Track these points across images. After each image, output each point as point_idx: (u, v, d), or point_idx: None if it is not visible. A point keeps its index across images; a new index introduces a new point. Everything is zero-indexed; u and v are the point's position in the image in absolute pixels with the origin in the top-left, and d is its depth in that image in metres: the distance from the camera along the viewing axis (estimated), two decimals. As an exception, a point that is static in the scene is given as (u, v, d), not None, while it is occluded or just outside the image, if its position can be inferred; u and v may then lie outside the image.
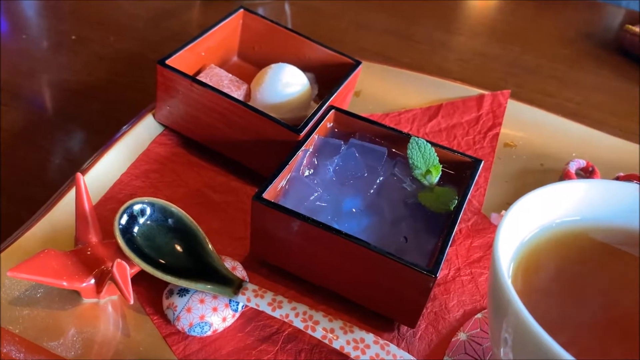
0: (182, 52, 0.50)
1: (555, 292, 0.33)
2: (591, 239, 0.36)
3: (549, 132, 0.58)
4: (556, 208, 0.35)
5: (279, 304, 0.38)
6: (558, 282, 0.34)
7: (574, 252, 0.35)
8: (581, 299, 0.33)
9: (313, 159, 0.47)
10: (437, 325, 0.42)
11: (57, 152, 0.56)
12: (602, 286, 0.34)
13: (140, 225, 0.40)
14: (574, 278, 0.34)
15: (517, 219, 0.33)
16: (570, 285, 0.34)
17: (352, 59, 0.55)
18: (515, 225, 0.33)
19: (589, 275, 0.35)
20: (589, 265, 0.35)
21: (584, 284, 0.34)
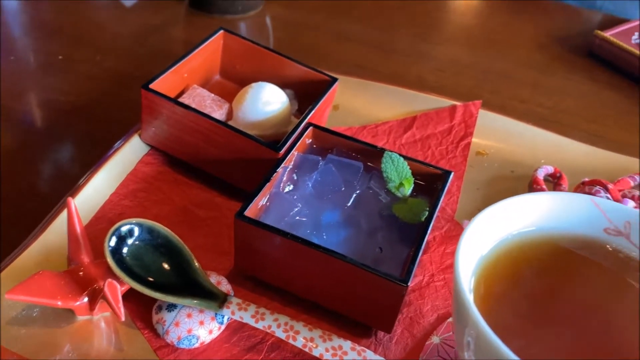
0: (165, 75, 0.53)
1: (515, 298, 0.36)
2: (548, 247, 0.38)
3: (518, 139, 0.61)
4: (514, 220, 0.38)
5: (262, 316, 0.41)
6: (518, 289, 0.36)
7: (532, 260, 0.38)
8: (540, 304, 0.36)
9: (292, 175, 0.49)
10: (412, 330, 0.45)
11: (48, 171, 0.59)
12: (560, 290, 0.37)
13: (129, 246, 0.42)
14: (533, 284, 0.37)
15: (477, 233, 0.35)
16: (530, 291, 0.37)
17: (329, 75, 0.58)
18: (476, 239, 0.35)
19: (547, 280, 0.37)
20: (547, 271, 0.38)
21: (543, 289, 0.37)
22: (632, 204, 0.51)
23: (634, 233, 0.38)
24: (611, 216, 0.38)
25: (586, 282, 0.37)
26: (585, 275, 0.38)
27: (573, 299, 0.37)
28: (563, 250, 0.38)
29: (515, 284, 0.37)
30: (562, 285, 0.37)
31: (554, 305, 0.36)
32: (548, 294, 0.37)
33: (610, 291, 0.37)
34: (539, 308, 0.36)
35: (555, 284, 0.37)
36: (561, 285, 0.37)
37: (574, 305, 0.36)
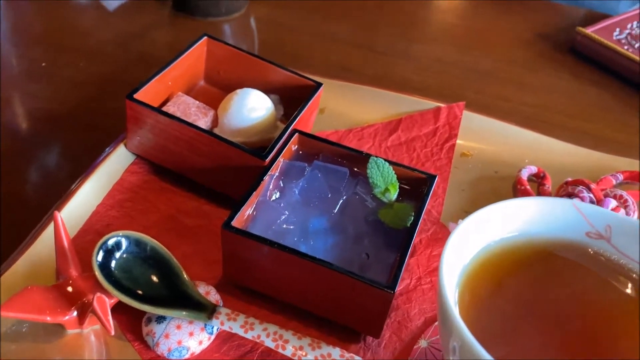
0: (149, 84, 0.53)
1: (500, 305, 0.37)
2: (531, 252, 0.39)
3: (502, 140, 0.61)
4: (496, 227, 0.39)
5: (251, 326, 0.41)
6: (502, 295, 0.37)
7: (515, 266, 0.38)
8: (525, 309, 0.37)
9: (279, 183, 0.50)
10: (400, 334, 0.46)
11: (33, 181, 0.59)
12: (544, 295, 0.38)
13: (117, 259, 0.42)
14: (518, 290, 0.38)
15: (460, 241, 0.36)
16: (514, 297, 0.37)
17: (313, 80, 0.58)
18: (459, 247, 0.36)
19: (531, 285, 0.38)
20: (531, 276, 0.38)
21: (527, 295, 0.38)
22: (614, 203, 0.52)
23: (614, 236, 0.39)
24: (592, 220, 0.39)
25: (569, 286, 0.38)
26: (569, 280, 0.38)
27: (557, 303, 0.37)
28: (546, 255, 0.39)
29: (499, 290, 0.37)
30: (545, 290, 0.38)
31: (539, 311, 0.37)
32: (532, 300, 0.37)
33: (594, 294, 0.38)
34: (524, 314, 0.36)
35: (539, 288, 0.38)
36: (545, 290, 0.38)
37: (558, 309, 0.37)
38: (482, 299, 0.36)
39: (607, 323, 0.36)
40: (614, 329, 0.36)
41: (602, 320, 0.37)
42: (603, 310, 0.37)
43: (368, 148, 0.61)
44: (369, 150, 0.60)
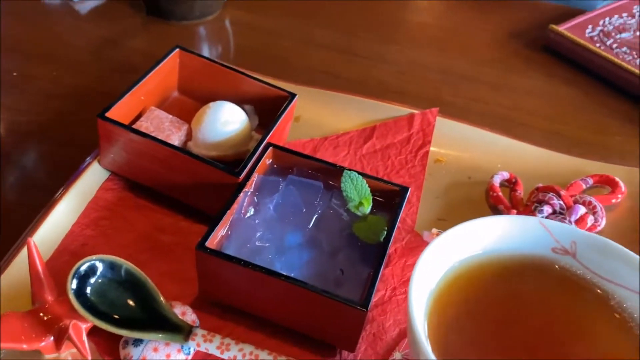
0: (122, 101, 0.53)
1: (467, 325, 0.38)
2: (496, 270, 0.40)
3: (475, 145, 0.62)
4: (463, 247, 0.39)
5: (227, 347, 0.42)
6: (468, 315, 0.38)
7: (480, 285, 0.39)
8: (490, 328, 0.38)
9: (254, 199, 0.50)
10: (375, 347, 0.47)
11: (6, 198, 0.58)
12: (508, 312, 0.39)
13: (92, 283, 0.42)
14: (483, 309, 0.38)
15: (427, 264, 0.37)
16: (480, 316, 0.38)
17: (287, 91, 0.58)
18: (426, 270, 0.37)
19: (496, 304, 0.39)
20: (496, 295, 0.39)
21: (492, 313, 0.39)
22: (583, 209, 0.53)
23: (580, 252, 0.40)
24: (558, 236, 0.40)
25: (536, 303, 0.39)
26: (535, 297, 0.39)
27: (523, 321, 0.38)
28: (512, 272, 0.40)
29: (467, 310, 0.38)
30: (512, 308, 0.39)
31: (506, 329, 0.38)
32: (499, 318, 0.38)
33: (560, 311, 0.39)
34: (491, 333, 0.37)
35: (504, 306, 0.39)
36: (512, 308, 0.39)
37: (524, 326, 0.38)
38: (451, 320, 0.37)
39: (573, 337, 0.38)
40: (581, 344, 0.37)
41: (568, 335, 0.38)
42: (569, 325, 0.38)
43: (344, 156, 0.61)
44: (345, 158, 0.61)
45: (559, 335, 0.37)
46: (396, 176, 0.59)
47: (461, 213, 0.57)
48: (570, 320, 0.38)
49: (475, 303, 0.39)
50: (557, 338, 0.37)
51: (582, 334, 0.37)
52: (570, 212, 0.53)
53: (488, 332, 0.38)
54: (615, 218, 0.56)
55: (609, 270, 0.39)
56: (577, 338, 0.37)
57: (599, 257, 0.39)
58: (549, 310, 0.39)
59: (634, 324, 0.37)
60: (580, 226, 0.52)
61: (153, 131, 0.54)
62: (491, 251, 0.40)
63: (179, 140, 0.55)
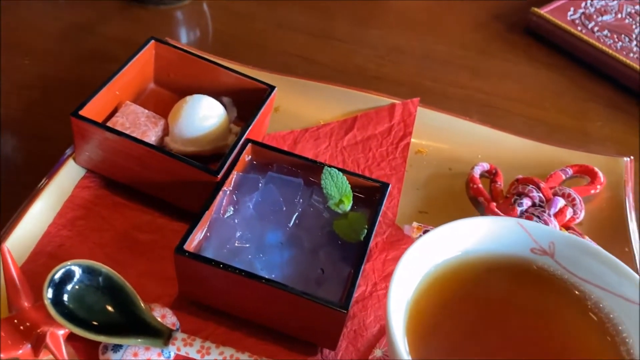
0: (96, 97, 0.51)
1: (446, 328, 0.38)
2: (475, 271, 0.40)
3: (456, 136, 0.62)
4: (442, 249, 0.39)
5: (207, 350, 0.42)
6: (447, 318, 0.38)
7: (461, 285, 0.40)
8: (469, 331, 0.38)
9: (233, 197, 0.49)
10: (356, 344, 0.47)
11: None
12: (487, 314, 0.39)
13: (69, 289, 0.42)
14: (462, 311, 0.39)
15: (405, 270, 0.37)
16: (459, 319, 0.38)
17: (266, 84, 0.57)
18: (405, 276, 0.37)
19: (474, 305, 0.39)
20: (474, 296, 0.40)
21: (471, 315, 0.39)
22: (562, 202, 0.54)
23: (558, 253, 0.40)
24: (536, 237, 0.40)
25: (511, 303, 0.40)
26: (511, 297, 0.40)
27: (499, 321, 0.39)
28: (491, 273, 0.40)
29: (445, 312, 0.38)
30: (489, 309, 0.39)
31: (483, 330, 0.38)
32: (476, 319, 0.39)
33: (535, 310, 0.39)
34: (470, 335, 0.38)
35: (483, 307, 0.39)
36: (488, 309, 0.39)
37: (503, 327, 0.38)
38: (430, 322, 0.37)
39: (550, 338, 0.38)
40: (557, 345, 0.38)
41: (545, 336, 0.38)
42: (546, 326, 0.39)
43: (325, 148, 0.61)
44: (325, 150, 0.60)
45: (536, 336, 0.38)
46: (377, 168, 0.59)
47: (442, 205, 0.57)
48: (547, 321, 0.39)
49: (454, 304, 0.39)
50: (534, 339, 0.38)
51: (559, 335, 0.38)
52: (549, 205, 0.53)
53: (466, 334, 0.38)
54: (594, 209, 0.57)
55: (586, 270, 0.39)
56: (554, 339, 0.38)
57: (577, 258, 0.39)
58: (527, 310, 0.39)
59: (610, 325, 0.38)
60: (559, 219, 0.52)
61: (129, 127, 0.53)
62: (471, 252, 0.40)
63: (155, 136, 0.54)
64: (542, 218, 0.52)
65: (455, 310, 0.38)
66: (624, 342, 0.37)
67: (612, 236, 0.54)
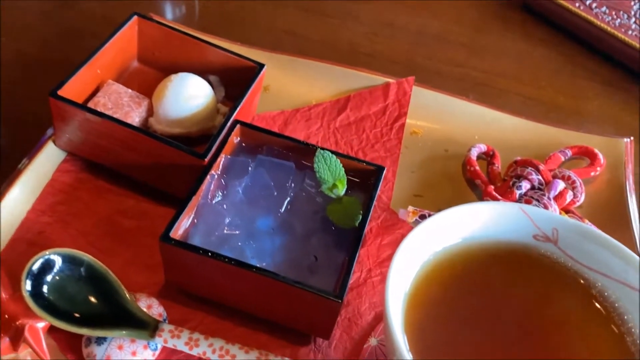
0: (76, 76, 0.49)
1: (447, 314, 0.36)
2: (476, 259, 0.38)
3: (452, 116, 0.60)
4: (442, 236, 0.38)
5: (196, 342, 0.40)
6: (448, 308, 0.37)
7: (462, 272, 0.38)
8: (470, 321, 0.37)
9: (221, 182, 0.47)
10: (350, 332, 0.45)
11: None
12: (488, 303, 0.38)
13: (49, 280, 0.40)
14: (462, 300, 0.37)
15: (404, 258, 0.35)
16: (460, 308, 0.37)
17: (254, 62, 0.55)
18: (403, 264, 0.35)
19: (475, 294, 0.38)
20: (475, 285, 0.38)
21: (472, 304, 0.37)
22: (562, 185, 0.52)
23: (561, 239, 0.38)
24: (539, 223, 0.38)
25: (516, 291, 0.38)
26: (513, 285, 0.38)
27: (501, 309, 0.37)
28: (493, 259, 0.39)
29: (445, 301, 0.37)
30: (490, 297, 0.38)
31: (486, 319, 0.37)
32: (477, 307, 0.37)
33: (540, 299, 0.38)
34: (471, 323, 0.36)
35: (484, 295, 0.38)
36: (490, 297, 0.38)
37: (505, 316, 0.37)
38: (429, 313, 0.36)
39: (553, 328, 0.37)
40: (561, 334, 0.36)
41: (548, 325, 0.37)
42: (549, 315, 0.37)
43: (316, 129, 0.58)
44: (317, 131, 0.58)
45: (539, 327, 0.36)
46: (371, 150, 0.57)
47: (438, 189, 0.56)
48: (550, 311, 0.37)
49: (455, 294, 0.37)
50: (537, 330, 0.36)
51: (563, 326, 0.36)
52: (549, 188, 0.52)
53: (467, 324, 0.36)
54: (595, 191, 0.55)
55: (591, 257, 0.38)
56: (557, 328, 0.36)
57: (581, 245, 0.38)
58: (529, 299, 0.38)
59: (615, 314, 0.36)
60: (559, 202, 0.51)
61: (111, 108, 0.50)
62: (471, 239, 0.39)
63: (139, 117, 0.51)
64: (542, 201, 0.50)
65: (455, 299, 0.37)
66: (630, 332, 0.35)
67: (612, 220, 0.53)
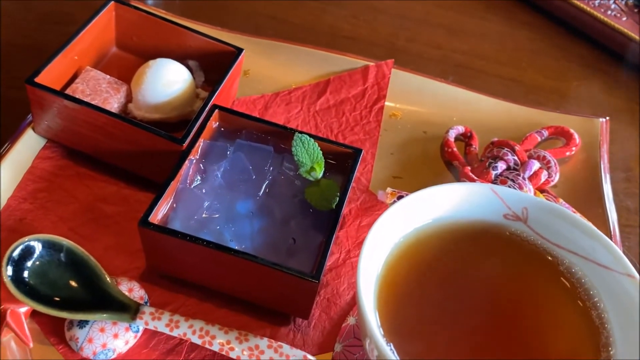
0: (52, 63, 0.49)
1: (417, 298, 0.37)
2: (447, 239, 0.39)
3: (430, 98, 0.61)
4: (413, 217, 0.38)
5: (176, 324, 0.41)
6: (418, 288, 0.38)
7: (433, 252, 0.39)
8: (440, 300, 0.38)
9: (200, 166, 0.48)
10: (329, 312, 0.46)
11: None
12: (457, 283, 0.39)
13: (29, 266, 0.40)
14: (432, 280, 0.38)
15: (376, 239, 0.36)
16: (429, 288, 0.38)
17: (233, 46, 0.55)
18: (375, 245, 0.36)
19: (445, 274, 0.39)
20: (449, 261, 0.39)
21: (442, 284, 0.38)
22: (537, 165, 0.53)
23: (531, 218, 0.39)
24: (510, 203, 0.39)
25: (484, 269, 0.39)
26: (483, 264, 0.39)
27: (472, 287, 0.38)
28: (462, 240, 0.40)
29: (417, 280, 0.38)
30: (461, 275, 0.39)
31: (455, 297, 0.38)
32: (448, 286, 0.38)
33: (507, 276, 0.39)
34: (440, 301, 0.37)
35: (455, 274, 0.39)
36: (461, 275, 0.39)
37: (473, 293, 0.38)
38: (401, 293, 0.37)
39: (522, 305, 0.38)
40: (529, 311, 0.37)
41: (517, 302, 0.38)
42: (518, 292, 0.38)
43: (297, 113, 0.59)
44: (298, 115, 0.59)
45: (507, 303, 0.38)
46: (351, 133, 0.57)
47: (416, 170, 0.56)
48: (519, 287, 0.38)
49: (425, 273, 0.38)
50: (506, 305, 0.38)
51: (531, 301, 0.38)
52: (524, 168, 0.53)
53: (438, 302, 0.37)
54: (569, 171, 0.56)
55: (559, 235, 0.39)
56: (525, 305, 0.38)
57: (551, 223, 0.39)
58: (499, 276, 0.39)
59: (581, 289, 0.37)
60: (534, 182, 0.52)
61: (89, 94, 0.50)
62: (442, 219, 0.40)
63: (118, 103, 0.51)
64: (517, 181, 0.51)
65: (426, 278, 0.38)
66: (595, 306, 0.36)
67: (586, 199, 0.54)
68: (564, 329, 0.36)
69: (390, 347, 0.34)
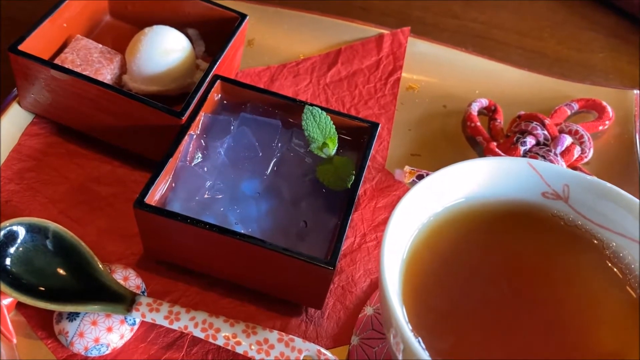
0: (37, 30, 0.44)
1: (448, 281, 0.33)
2: (482, 217, 0.35)
3: (451, 69, 0.56)
4: (446, 193, 0.34)
5: (177, 316, 0.37)
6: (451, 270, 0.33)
7: (465, 234, 0.35)
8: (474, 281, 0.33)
9: (201, 142, 0.43)
10: (344, 301, 0.42)
11: None
12: (495, 264, 0.34)
13: (12, 252, 0.36)
14: (464, 267, 0.34)
15: (401, 222, 0.32)
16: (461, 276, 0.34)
17: (236, 12, 0.50)
18: (400, 227, 0.32)
19: (482, 255, 0.35)
20: (481, 245, 0.35)
21: (474, 272, 0.34)
22: (569, 140, 0.49)
23: (573, 196, 0.35)
24: (549, 180, 0.35)
25: (520, 254, 0.35)
26: (520, 247, 0.35)
27: (507, 274, 0.34)
28: (496, 221, 0.35)
29: (445, 269, 0.33)
30: (495, 260, 0.34)
31: (488, 283, 0.34)
32: (481, 271, 0.34)
33: (547, 261, 0.35)
34: (473, 293, 0.33)
35: (488, 259, 0.34)
36: (495, 260, 0.34)
37: (508, 280, 0.34)
38: (429, 281, 0.33)
39: (565, 292, 0.34)
40: (573, 299, 0.33)
41: (559, 290, 0.34)
42: (560, 280, 0.34)
43: (305, 86, 0.54)
44: (307, 88, 0.54)
45: (549, 293, 0.33)
46: (364, 107, 0.53)
47: (436, 147, 0.52)
48: (561, 275, 0.34)
49: (456, 258, 0.34)
50: (546, 296, 0.33)
51: (575, 291, 0.33)
52: (555, 143, 0.48)
53: (471, 291, 0.33)
54: (603, 146, 0.52)
55: (604, 216, 0.34)
56: (569, 293, 0.33)
57: (594, 202, 0.35)
58: (538, 264, 0.35)
59: (631, 276, 0.33)
60: (566, 158, 0.47)
61: (80, 65, 0.46)
62: (475, 198, 0.35)
63: (111, 75, 0.47)
64: (548, 158, 0.47)
65: (457, 264, 0.34)
66: (648, 295, 0.32)
67: (621, 176, 0.49)
68: (612, 322, 0.32)
69: (418, 341, 0.29)
